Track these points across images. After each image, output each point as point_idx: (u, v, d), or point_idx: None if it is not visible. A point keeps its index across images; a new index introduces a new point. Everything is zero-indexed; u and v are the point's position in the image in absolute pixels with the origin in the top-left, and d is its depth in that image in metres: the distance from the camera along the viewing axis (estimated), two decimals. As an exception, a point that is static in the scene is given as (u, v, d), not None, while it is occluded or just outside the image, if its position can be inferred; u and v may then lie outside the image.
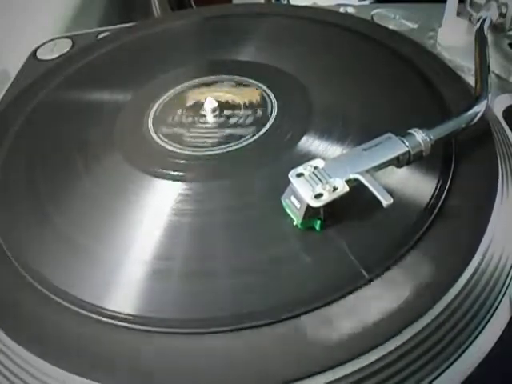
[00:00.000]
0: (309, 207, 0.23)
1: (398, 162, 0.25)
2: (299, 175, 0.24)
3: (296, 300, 0.22)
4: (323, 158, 0.25)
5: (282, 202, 0.25)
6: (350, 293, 0.22)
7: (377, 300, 0.22)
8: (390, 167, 0.25)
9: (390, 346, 0.21)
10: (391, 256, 0.23)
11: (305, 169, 0.24)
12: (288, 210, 0.25)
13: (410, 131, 0.26)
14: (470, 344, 0.22)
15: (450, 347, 0.22)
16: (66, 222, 0.27)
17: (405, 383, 0.21)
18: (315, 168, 0.24)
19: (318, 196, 0.23)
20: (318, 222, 0.24)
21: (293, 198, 0.24)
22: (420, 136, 0.25)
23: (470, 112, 0.27)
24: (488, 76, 0.30)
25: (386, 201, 0.23)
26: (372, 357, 0.21)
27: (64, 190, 0.29)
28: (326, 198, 0.23)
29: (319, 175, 0.24)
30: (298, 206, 0.24)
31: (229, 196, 0.27)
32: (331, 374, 0.20)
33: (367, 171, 0.24)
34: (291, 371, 0.20)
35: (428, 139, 0.25)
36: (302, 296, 0.22)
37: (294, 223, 0.25)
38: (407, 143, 0.25)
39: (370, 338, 0.21)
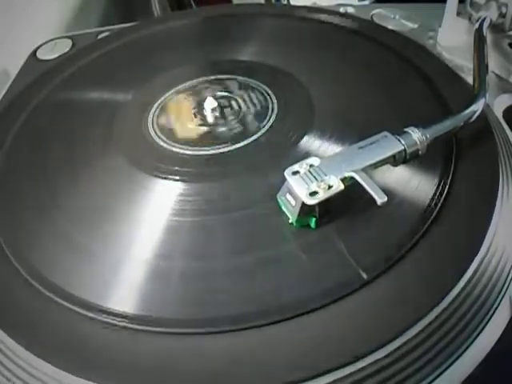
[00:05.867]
0: (304, 205, 0.23)
1: (394, 160, 0.25)
2: (295, 173, 0.24)
3: (295, 301, 0.22)
4: (320, 157, 0.25)
5: (278, 199, 0.25)
6: (349, 294, 0.22)
7: (376, 301, 0.22)
8: (390, 167, 0.25)
9: (390, 346, 0.21)
10: (390, 257, 0.23)
11: (300, 167, 0.24)
12: (283, 208, 0.25)
13: (406, 130, 0.25)
14: (470, 344, 0.22)
15: (450, 347, 0.22)
16: (66, 222, 0.27)
17: (405, 383, 0.21)
18: (311, 166, 0.24)
19: (313, 194, 0.23)
20: (313, 219, 0.24)
21: (288, 196, 0.24)
22: (416, 134, 0.25)
23: (468, 111, 0.27)
24: (486, 75, 0.29)
25: (380, 199, 0.22)
26: (372, 357, 0.20)
27: (64, 190, 0.29)
28: (321, 195, 0.23)
29: (314, 173, 0.24)
30: (293, 203, 0.24)
31: (228, 196, 0.27)
32: (331, 374, 0.20)
33: (362, 169, 0.24)
34: (291, 373, 0.20)
35: (424, 138, 0.25)
36: (301, 297, 0.22)
37: (290, 221, 0.25)
38: (403, 142, 0.25)
39: (370, 338, 0.21)
